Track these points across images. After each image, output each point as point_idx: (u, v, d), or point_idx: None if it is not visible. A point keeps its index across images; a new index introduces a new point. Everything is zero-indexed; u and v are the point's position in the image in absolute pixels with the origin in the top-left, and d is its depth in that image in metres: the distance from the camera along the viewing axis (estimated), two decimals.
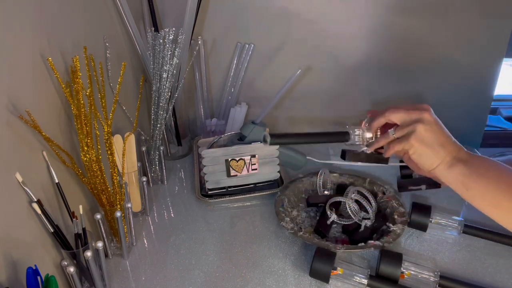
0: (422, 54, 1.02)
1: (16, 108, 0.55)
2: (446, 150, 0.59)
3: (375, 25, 0.98)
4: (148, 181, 0.94)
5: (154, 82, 0.89)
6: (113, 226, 0.75)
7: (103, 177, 0.69)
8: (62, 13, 0.67)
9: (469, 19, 0.96)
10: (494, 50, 1.00)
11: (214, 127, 1.07)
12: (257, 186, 0.92)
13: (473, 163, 0.58)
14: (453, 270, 0.71)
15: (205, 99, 1.07)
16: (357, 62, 1.04)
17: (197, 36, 0.98)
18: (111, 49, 0.82)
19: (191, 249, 0.77)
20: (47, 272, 0.57)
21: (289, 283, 0.70)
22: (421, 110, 0.60)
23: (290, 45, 1.02)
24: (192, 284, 0.70)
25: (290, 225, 0.77)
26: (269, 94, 0.90)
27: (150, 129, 0.95)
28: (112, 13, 0.87)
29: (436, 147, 0.59)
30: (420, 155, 0.60)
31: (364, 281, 0.67)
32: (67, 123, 0.68)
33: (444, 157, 0.59)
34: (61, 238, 0.61)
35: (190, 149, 1.09)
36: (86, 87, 0.65)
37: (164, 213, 0.87)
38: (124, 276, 0.72)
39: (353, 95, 1.09)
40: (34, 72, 0.60)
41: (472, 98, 1.07)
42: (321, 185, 0.88)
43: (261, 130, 0.89)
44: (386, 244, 0.71)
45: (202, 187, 0.92)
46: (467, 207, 0.84)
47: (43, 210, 0.58)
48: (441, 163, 0.59)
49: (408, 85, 1.07)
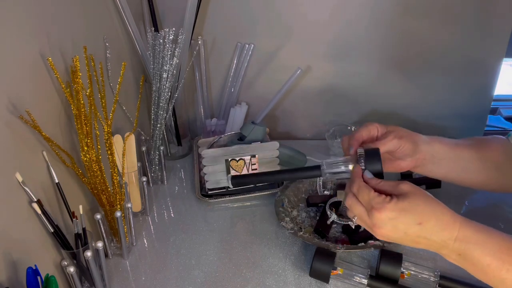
0: (423, 54, 1.02)
1: (16, 108, 0.55)
2: (422, 245, 0.52)
3: (376, 25, 0.98)
4: (148, 181, 0.94)
5: (154, 82, 0.89)
6: (113, 226, 0.75)
7: (103, 177, 0.69)
8: (62, 13, 0.67)
9: (469, 19, 0.96)
10: (494, 50, 1.00)
11: (214, 127, 1.07)
12: (257, 186, 0.92)
13: (467, 249, 0.50)
14: (453, 270, 0.71)
15: (205, 99, 1.07)
16: (357, 62, 1.04)
17: (197, 36, 0.98)
18: (111, 49, 0.82)
19: (191, 249, 0.77)
20: (47, 272, 0.57)
21: (289, 283, 0.70)
22: (377, 208, 0.51)
23: (290, 45, 1.02)
24: (192, 284, 0.70)
25: (290, 225, 0.77)
26: (269, 94, 0.90)
27: (150, 129, 0.95)
28: (112, 13, 0.87)
29: (409, 243, 0.53)
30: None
31: (364, 281, 0.67)
32: (67, 123, 0.68)
33: (429, 248, 0.52)
34: (61, 238, 0.61)
35: (190, 149, 1.09)
36: (86, 87, 0.65)
37: (164, 213, 0.87)
38: (124, 276, 0.72)
39: (353, 95, 1.08)
40: (34, 72, 0.60)
41: (472, 98, 1.07)
42: (321, 185, 0.88)
43: (261, 130, 0.89)
44: (386, 244, 0.71)
45: (202, 187, 0.92)
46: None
47: (43, 210, 0.58)
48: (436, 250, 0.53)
49: (408, 85, 1.06)
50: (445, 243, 0.50)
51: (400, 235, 0.52)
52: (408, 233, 0.51)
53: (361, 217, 0.54)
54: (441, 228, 0.50)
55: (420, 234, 0.51)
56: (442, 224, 0.50)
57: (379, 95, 1.08)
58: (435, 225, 0.50)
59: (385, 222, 0.51)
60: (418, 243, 0.52)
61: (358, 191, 0.54)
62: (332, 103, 1.10)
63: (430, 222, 0.50)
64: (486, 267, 0.50)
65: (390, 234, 0.52)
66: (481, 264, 0.50)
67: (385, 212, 0.51)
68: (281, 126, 1.15)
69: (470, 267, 0.51)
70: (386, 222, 0.51)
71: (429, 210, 0.51)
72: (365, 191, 0.53)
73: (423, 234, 0.51)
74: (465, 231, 0.50)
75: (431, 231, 0.50)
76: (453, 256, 0.52)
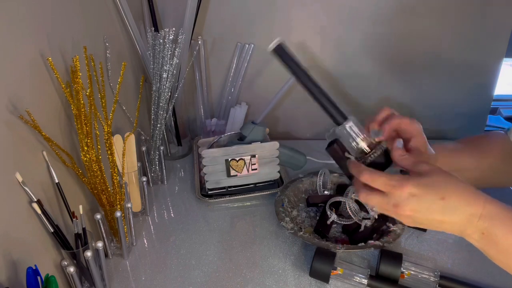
0: (423, 54, 1.02)
1: (16, 108, 0.55)
2: (446, 226, 0.51)
3: (376, 25, 0.98)
4: (148, 181, 0.94)
5: (154, 82, 0.89)
6: (113, 226, 0.75)
7: (103, 177, 0.69)
8: (62, 13, 0.67)
9: (469, 19, 0.96)
10: (494, 50, 1.00)
11: (214, 127, 1.07)
12: (257, 186, 0.92)
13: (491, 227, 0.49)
14: (453, 270, 0.71)
15: (205, 99, 1.07)
16: (357, 62, 1.04)
17: (197, 36, 0.98)
18: (111, 49, 0.82)
19: (191, 249, 0.77)
20: (47, 272, 0.57)
21: (289, 283, 0.70)
22: (397, 185, 0.50)
23: (290, 45, 1.01)
24: (192, 284, 0.70)
25: (290, 225, 0.77)
26: (269, 94, 0.90)
27: (150, 129, 0.95)
28: (112, 13, 0.87)
29: (433, 224, 0.51)
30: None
31: (364, 281, 0.67)
32: (67, 123, 0.68)
33: (454, 231, 0.51)
34: (61, 238, 0.61)
35: (190, 149, 1.09)
36: (86, 87, 0.65)
37: (164, 213, 0.87)
38: (124, 276, 0.72)
39: (353, 95, 1.09)
40: (34, 72, 0.60)
41: (472, 98, 1.07)
42: (321, 185, 0.88)
43: (261, 130, 0.89)
44: (386, 244, 0.71)
45: (202, 187, 0.92)
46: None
47: (43, 210, 0.58)
48: (456, 233, 0.51)
49: (408, 85, 1.06)
50: (470, 220, 0.49)
51: (423, 214, 0.50)
52: (431, 210, 0.49)
53: (380, 204, 0.52)
54: (466, 203, 0.49)
55: (444, 210, 0.49)
56: (466, 199, 0.49)
57: (379, 95, 1.08)
58: (459, 200, 0.49)
59: (407, 198, 0.49)
60: (442, 222, 0.50)
61: (371, 177, 0.52)
62: None
63: (453, 197, 0.49)
64: (510, 246, 0.48)
65: (413, 213, 0.50)
66: (505, 244, 0.48)
67: (407, 188, 0.49)
68: (281, 126, 1.15)
69: (493, 248, 0.50)
70: (409, 199, 0.49)
71: (452, 185, 0.50)
72: (379, 174, 0.52)
73: (447, 209, 0.49)
74: (490, 208, 0.49)
75: (455, 207, 0.49)
76: (476, 235, 0.49)
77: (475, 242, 0.51)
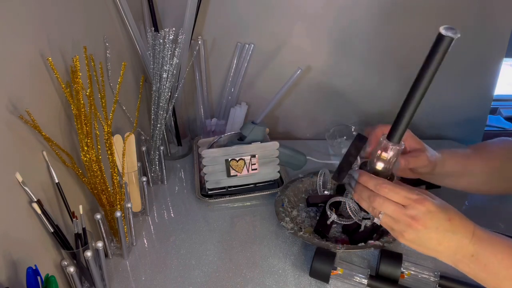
0: (423, 54, 1.01)
1: (16, 108, 0.55)
2: (442, 247, 0.53)
3: (376, 25, 0.98)
4: (148, 181, 0.94)
5: (154, 82, 0.89)
6: (113, 226, 0.75)
7: (103, 177, 0.69)
8: (62, 13, 0.67)
9: (469, 19, 0.96)
10: (494, 50, 1.00)
11: (214, 127, 1.07)
12: (257, 186, 0.92)
13: (481, 255, 0.52)
14: (453, 270, 0.71)
15: (205, 99, 1.07)
16: (357, 61, 1.04)
17: (197, 36, 0.98)
18: (111, 49, 0.82)
19: (191, 249, 0.77)
20: (47, 272, 0.57)
21: (289, 283, 0.70)
22: (419, 200, 0.53)
23: (290, 45, 1.02)
24: (192, 284, 0.70)
25: (290, 225, 0.77)
26: (269, 94, 0.90)
27: (150, 129, 0.95)
28: (112, 13, 0.87)
29: (430, 247, 0.54)
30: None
31: (364, 281, 0.67)
32: (67, 123, 0.68)
33: (446, 257, 0.54)
34: (61, 238, 0.61)
35: (190, 149, 1.09)
36: (86, 87, 0.65)
37: (164, 213, 0.87)
38: (124, 276, 0.72)
39: (353, 95, 1.09)
40: (34, 72, 0.60)
41: (472, 98, 1.07)
42: (321, 185, 0.88)
43: (261, 130, 0.89)
44: (386, 244, 0.71)
45: (202, 187, 0.92)
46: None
47: (43, 210, 0.58)
48: (447, 259, 0.55)
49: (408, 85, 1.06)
50: (461, 243, 0.52)
51: (430, 232, 0.52)
52: (439, 229, 0.52)
53: (395, 213, 0.53)
54: (463, 225, 0.53)
55: (449, 229, 0.52)
56: (463, 224, 0.53)
57: (380, 95, 1.08)
58: (460, 222, 0.53)
59: (424, 214, 0.52)
60: (440, 245, 0.53)
61: (391, 191, 0.54)
62: (332, 103, 1.10)
63: (456, 220, 0.52)
64: (499, 268, 0.51)
65: (423, 228, 0.52)
66: (495, 264, 0.51)
67: (427, 204, 0.52)
68: (281, 126, 1.15)
69: (483, 271, 0.52)
70: (426, 215, 0.52)
71: (452, 210, 0.54)
72: (400, 188, 0.54)
73: (449, 232, 0.52)
74: (479, 232, 0.52)
75: (456, 228, 0.52)
76: (466, 259, 0.52)
77: (465, 267, 0.53)
